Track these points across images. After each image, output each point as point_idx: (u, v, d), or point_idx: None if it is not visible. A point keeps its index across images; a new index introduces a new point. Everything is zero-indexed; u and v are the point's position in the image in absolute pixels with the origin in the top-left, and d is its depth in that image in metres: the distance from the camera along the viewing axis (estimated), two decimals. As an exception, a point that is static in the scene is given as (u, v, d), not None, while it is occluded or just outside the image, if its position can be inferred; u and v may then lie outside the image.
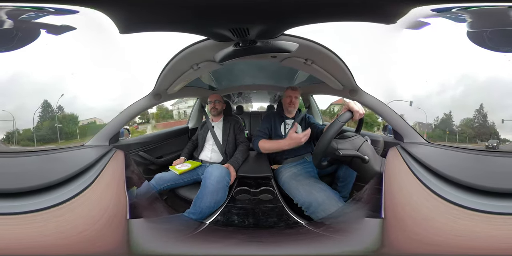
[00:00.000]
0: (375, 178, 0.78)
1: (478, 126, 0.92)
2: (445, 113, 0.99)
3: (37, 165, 0.69)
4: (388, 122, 1.07)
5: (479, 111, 0.91)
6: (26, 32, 0.74)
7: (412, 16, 0.62)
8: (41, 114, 0.95)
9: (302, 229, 0.86)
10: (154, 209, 0.95)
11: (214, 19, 0.64)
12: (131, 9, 0.58)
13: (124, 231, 0.62)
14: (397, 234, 0.56)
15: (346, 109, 0.85)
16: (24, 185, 0.56)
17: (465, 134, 0.96)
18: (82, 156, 0.82)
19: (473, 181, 0.56)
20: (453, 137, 0.98)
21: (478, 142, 0.93)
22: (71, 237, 0.51)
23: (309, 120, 1.41)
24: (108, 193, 0.66)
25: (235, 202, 1.05)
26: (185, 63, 1.01)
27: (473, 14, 0.68)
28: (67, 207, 0.55)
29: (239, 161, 1.29)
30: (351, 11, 0.62)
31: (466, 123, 0.96)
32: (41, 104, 0.94)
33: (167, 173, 1.23)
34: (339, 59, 0.96)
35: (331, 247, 0.62)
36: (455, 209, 0.53)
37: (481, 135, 0.92)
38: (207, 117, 1.57)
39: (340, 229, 0.74)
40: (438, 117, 1.00)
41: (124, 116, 1.10)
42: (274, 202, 1.05)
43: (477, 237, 0.50)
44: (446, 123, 0.99)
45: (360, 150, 0.83)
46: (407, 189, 0.62)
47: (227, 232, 0.90)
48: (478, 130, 0.92)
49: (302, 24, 0.71)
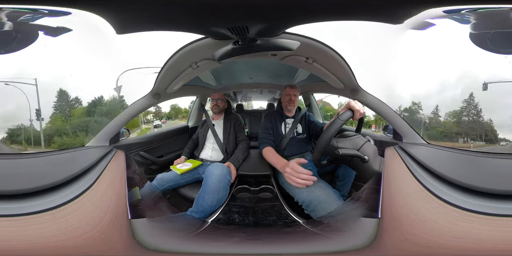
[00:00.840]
0: (374, 178, 0.79)
1: (468, 122, 0.79)
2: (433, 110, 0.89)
3: (39, 166, 0.69)
4: (388, 122, 1.07)
5: (469, 102, 0.81)
6: (25, 33, 0.73)
7: (420, 17, 0.60)
8: (56, 104, 0.97)
9: (299, 228, 0.88)
10: (158, 209, 0.96)
11: (213, 18, 0.63)
12: (127, 8, 0.57)
13: (127, 231, 0.63)
14: (393, 234, 0.57)
15: (347, 108, 0.84)
16: (26, 186, 0.56)
17: (441, 128, 0.84)
18: (83, 157, 0.83)
19: (472, 182, 0.56)
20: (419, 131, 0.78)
21: (459, 141, 0.80)
22: (74, 238, 0.52)
23: (309, 118, 1.41)
24: (110, 194, 0.67)
25: (236, 201, 1.06)
26: (184, 62, 0.99)
27: (480, 16, 0.67)
28: (69, 208, 0.55)
29: (239, 160, 1.29)
30: (356, 10, 0.60)
31: (453, 115, 0.84)
32: (57, 93, 0.96)
33: (168, 173, 1.24)
34: (340, 57, 0.95)
35: (327, 246, 0.63)
36: (454, 211, 0.53)
37: (470, 132, 0.80)
38: (207, 115, 1.56)
39: (336, 228, 0.74)
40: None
41: (123, 116, 1.10)
42: (273, 200, 1.06)
43: (476, 239, 0.50)
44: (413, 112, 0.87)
45: (361, 150, 0.83)
46: (405, 190, 0.62)
47: (228, 231, 0.91)
48: (467, 125, 0.81)
49: (305, 22, 0.70)
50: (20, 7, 0.64)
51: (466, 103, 0.80)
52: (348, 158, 0.84)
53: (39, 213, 0.53)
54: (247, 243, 0.73)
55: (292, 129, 1.35)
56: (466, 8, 0.63)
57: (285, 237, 0.80)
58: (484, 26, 0.69)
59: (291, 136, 1.34)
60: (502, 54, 0.72)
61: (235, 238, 0.77)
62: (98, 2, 0.55)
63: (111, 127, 1.05)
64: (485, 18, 0.68)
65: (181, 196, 1.22)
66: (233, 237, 0.78)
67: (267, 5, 0.56)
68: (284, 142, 1.32)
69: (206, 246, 0.67)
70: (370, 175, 0.81)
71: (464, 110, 0.80)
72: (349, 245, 0.58)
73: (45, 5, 0.61)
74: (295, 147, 1.33)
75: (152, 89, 1.14)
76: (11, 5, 0.63)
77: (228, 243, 0.71)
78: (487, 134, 0.81)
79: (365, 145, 0.85)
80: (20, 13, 0.68)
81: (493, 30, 0.70)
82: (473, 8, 0.62)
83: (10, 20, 0.69)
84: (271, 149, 1.23)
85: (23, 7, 0.64)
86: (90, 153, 0.87)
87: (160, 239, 0.64)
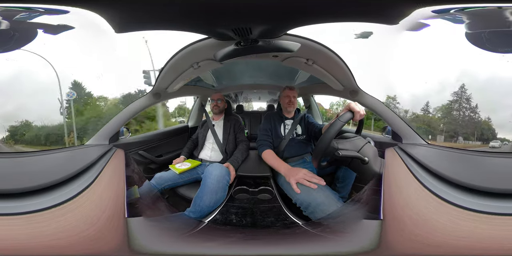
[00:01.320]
0: (375, 179, 0.78)
1: (462, 119, 0.74)
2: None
3: (38, 165, 0.69)
4: (388, 123, 1.07)
5: (460, 95, 0.80)
6: (23, 32, 0.73)
7: (414, 17, 0.61)
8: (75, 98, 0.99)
9: (299, 229, 0.87)
10: (156, 208, 0.96)
11: (217, 18, 0.64)
12: (130, 8, 0.58)
13: (125, 230, 0.62)
14: (395, 235, 0.56)
15: (347, 109, 0.85)
16: (25, 185, 0.56)
17: (419, 123, 0.80)
18: (83, 155, 0.83)
19: (472, 182, 0.56)
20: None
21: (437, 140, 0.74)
22: (72, 237, 0.52)
23: (308, 120, 1.41)
24: (109, 192, 0.67)
25: (234, 201, 1.05)
26: (185, 61, 1.00)
27: (470, 15, 0.67)
28: (68, 207, 0.55)
29: (238, 161, 1.29)
30: (354, 11, 0.61)
31: (442, 110, 0.82)
32: (72, 84, 1.00)
33: (167, 172, 1.24)
34: (340, 59, 0.96)
35: (327, 248, 0.62)
36: (455, 210, 0.53)
37: (459, 129, 0.76)
38: (207, 116, 1.56)
39: (337, 230, 0.74)
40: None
41: (123, 115, 1.10)
42: (272, 202, 1.05)
43: (477, 238, 0.50)
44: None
45: (362, 151, 0.83)
46: (406, 190, 0.62)
47: (225, 231, 0.90)
48: (455, 122, 0.78)
49: (306, 24, 0.71)
50: (17, 6, 0.63)
51: (456, 96, 0.77)
52: (348, 160, 0.84)
53: (39, 212, 0.53)
54: (244, 244, 0.72)
55: (291, 131, 1.35)
56: (455, 8, 0.63)
57: (284, 238, 0.79)
58: (479, 25, 0.70)
59: (290, 137, 1.34)
60: (500, 53, 0.72)
61: (232, 238, 0.76)
62: (101, 2, 0.55)
63: (111, 126, 1.05)
64: (480, 18, 0.69)
65: (179, 196, 1.21)
66: (229, 237, 0.77)
67: (270, 7, 0.57)
68: (283, 143, 1.32)
69: (201, 246, 0.67)
70: (371, 176, 0.81)
71: (454, 104, 0.77)
72: (353, 247, 0.58)
73: (47, 4, 0.61)
74: (295, 149, 1.33)
75: (152, 89, 1.14)
76: (8, 4, 0.63)
77: (223, 243, 0.70)
78: (484, 133, 0.77)
79: (365, 146, 0.85)
80: (15, 12, 0.67)
81: (488, 30, 0.70)
82: (461, 7, 0.63)
83: (6, 19, 0.69)
84: (271, 152, 1.23)
85: (18, 6, 0.64)
86: (89, 152, 0.87)
87: (155, 240, 0.63)
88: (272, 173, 1.20)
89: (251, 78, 2.07)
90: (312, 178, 0.97)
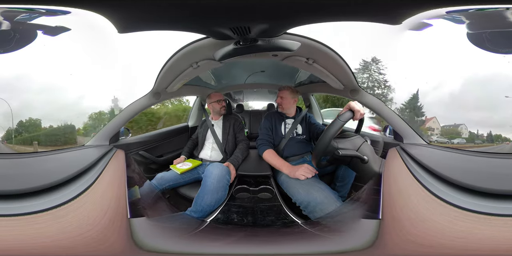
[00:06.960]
0: (374, 178, 0.79)
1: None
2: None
3: (39, 166, 0.69)
4: (388, 122, 1.07)
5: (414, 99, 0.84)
6: (23, 33, 0.73)
7: (418, 17, 0.60)
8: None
9: (298, 228, 0.88)
10: (158, 208, 0.96)
11: (215, 18, 0.63)
12: (130, 8, 0.57)
13: (127, 231, 0.63)
14: (393, 235, 0.57)
15: (347, 109, 0.84)
16: (26, 186, 0.56)
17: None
18: (83, 156, 0.83)
19: (472, 182, 0.56)
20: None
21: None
22: (74, 237, 0.52)
23: (309, 120, 1.41)
24: (110, 193, 0.67)
25: (235, 201, 1.06)
26: (185, 61, 0.99)
27: (471, 16, 0.67)
28: (69, 208, 0.55)
29: (239, 160, 1.29)
30: (356, 11, 0.60)
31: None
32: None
33: (168, 172, 1.24)
34: (340, 58, 0.95)
35: (325, 247, 0.63)
36: (454, 211, 0.53)
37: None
38: (207, 115, 1.56)
39: (335, 229, 0.74)
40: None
41: (123, 116, 1.10)
42: (272, 200, 1.06)
43: (477, 238, 0.50)
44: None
45: (360, 150, 0.83)
46: (406, 190, 0.62)
47: (226, 230, 0.91)
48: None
49: (306, 23, 0.70)
50: (18, 7, 0.63)
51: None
52: (348, 159, 0.84)
53: (39, 213, 0.53)
54: (245, 243, 0.73)
55: (292, 130, 1.35)
56: (468, 9, 0.63)
57: (284, 237, 0.80)
58: (481, 26, 0.70)
59: (290, 136, 1.34)
60: (501, 54, 0.72)
61: (234, 237, 0.77)
62: (102, 2, 0.55)
63: (111, 126, 1.05)
64: (481, 18, 0.68)
65: (181, 196, 1.22)
66: (231, 237, 0.78)
67: (269, 6, 0.56)
68: (283, 142, 1.32)
69: (204, 245, 0.67)
70: (370, 176, 0.81)
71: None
72: (350, 246, 0.58)
73: (49, 4, 0.61)
74: (295, 148, 1.33)
75: (152, 88, 1.14)
76: (9, 5, 0.62)
77: (226, 243, 0.71)
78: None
79: (363, 145, 0.85)
80: (16, 12, 0.67)
81: (490, 30, 0.70)
82: (474, 8, 0.62)
83: (7, 20, 0.69)
84: (272, 151, 1.23)
85: (19, 7, 0.63)
86: (90, 152, 0.87)
87: (158, 239, 0.64)
88: (272, 172, 1.20)
89: (251, 78, 2.06)
90: (312, 171, 1.04)
